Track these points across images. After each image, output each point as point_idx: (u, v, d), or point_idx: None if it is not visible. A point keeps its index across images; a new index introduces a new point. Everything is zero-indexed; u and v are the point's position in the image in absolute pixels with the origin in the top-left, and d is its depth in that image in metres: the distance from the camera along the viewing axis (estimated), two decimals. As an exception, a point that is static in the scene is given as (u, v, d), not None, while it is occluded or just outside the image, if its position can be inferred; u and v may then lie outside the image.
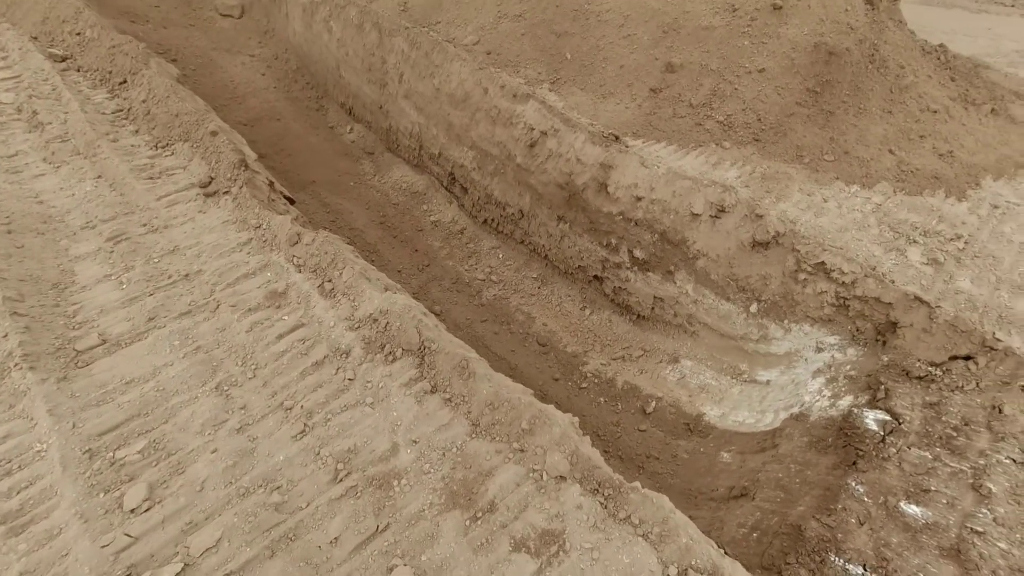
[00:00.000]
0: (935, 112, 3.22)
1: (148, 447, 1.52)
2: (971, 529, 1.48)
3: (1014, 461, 1.62)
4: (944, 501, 1.57)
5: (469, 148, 3.82)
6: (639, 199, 2.88)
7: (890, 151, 3.02)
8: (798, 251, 2.41)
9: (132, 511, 1.38)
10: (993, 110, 3.43)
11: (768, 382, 2.61)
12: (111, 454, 1.49)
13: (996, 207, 2.72)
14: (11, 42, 3.62)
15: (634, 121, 3.38)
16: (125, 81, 3.23)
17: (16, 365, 1.65)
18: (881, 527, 1.55)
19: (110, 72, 3.31)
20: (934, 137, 3.13)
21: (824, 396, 2.18)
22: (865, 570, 1.44)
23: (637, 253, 3.01)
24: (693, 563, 1.26)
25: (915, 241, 2.43)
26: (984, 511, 1.51)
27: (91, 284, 2.03)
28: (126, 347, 1.81)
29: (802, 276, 2.40)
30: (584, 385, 3.05)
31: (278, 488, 1.44)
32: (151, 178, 2.57)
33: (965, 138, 3.17)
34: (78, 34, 3.61)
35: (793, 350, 2.53)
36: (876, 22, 3.46)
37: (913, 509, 1.57)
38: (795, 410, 2.22)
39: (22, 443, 1.50)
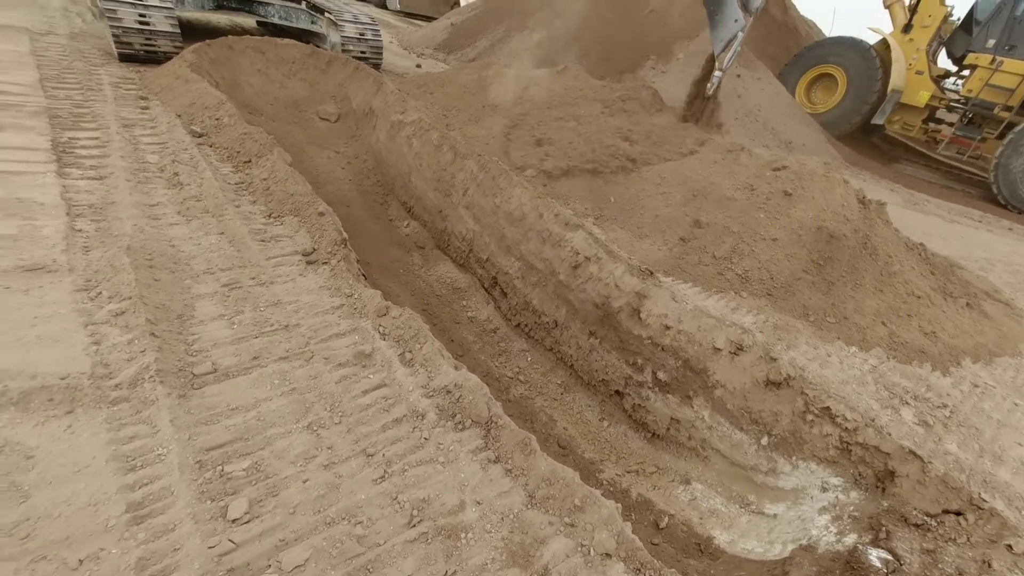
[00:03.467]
0: (919, 297, 3.78)
1: (250, 467, 1.74)
2: (970, 671, 1.62)
3: (1005, 614, 1.80)
4: (944, 642, 1.72)
5: (516, 259, 4.37)
6: (667, 327, 3.30)
7: (882, 323, 3.51)
8: (806, 394, 2.75)
9: (234, 521, 1.57)
10: (968, 304, 4.00)
11: (775, 516, 2.78)
12: (219, 468, 1.71)
13: (976, 386, 3.11)
14: (161, 116, 4.38)
15: (665, 261, 3.96)
16: (250, 161, 3.87)
17: (150, 377, 1.93)
18: (888, 658, 1.68)
19: (238, 152, 3.98)
20: (919, 318, 3.65)
21: (831, 532, 2.36)
22: None
23: (660, 375, 3.35)
24: (726, 649, 1.42)
25: (907, 403, 2.79)
26: (981, 656, 1.66)
27: (207, 320, 2.36)
28: (233, 378, 2.09)
29: (810, 417, 2.72)
30: (600, 491, 3.17)
31: (360, 523, 1.64)
32: (263, 241, 3.04)
33: (945, 323, 3.69)
34: (216, 119, 4.37)
35: (800, 487, 2.74)
36: (867, 218, 4.19)
37: (917, 646, 1.72)
38: (803, 542, 2.38)
39: (146, 445, 1.72)
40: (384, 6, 18.96)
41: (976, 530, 2.12)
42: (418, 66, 9.93)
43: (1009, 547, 2.02)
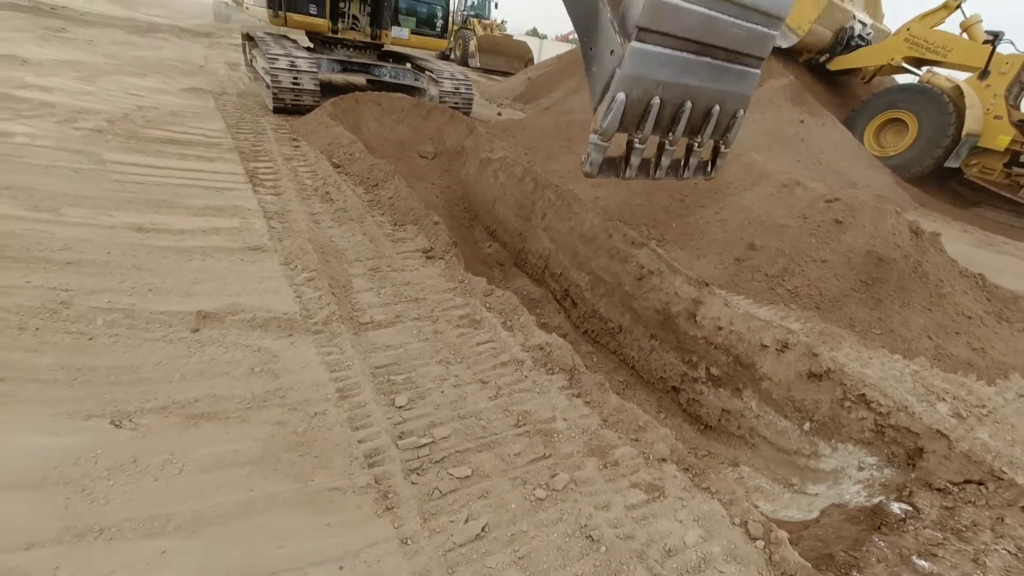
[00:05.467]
0: (970, 318, 4.01)
1: (405, 379, 2.48)
2: (966, 581, 1.99)
3: (1008, 552, 2.13)
4: (948, 564, 2.09)
5: (587, 273, 5.05)
6: (720, 328, 3.79)
7: (929, 337, 3.79)
8: (844, 384, 3.14)
9: (400, 407, 2.30)
10: (1026, 329, 4.14)
11: (816, 495, 3.12)
12: (386, 376, 2.47)
13: (1021, 395, 3.32)
14: (309, 152, 5.61)
15: (720, 277, 4.47)
16: (377, 184, 4.91)
17: (336, 320, 2.77)
18: (894, 566, 2.07)
19: (367, 178, 5.05)
20: (968, 335, 3.87)
21: (861, 495, 2.72)
22: (878, 584, 1.96)
23: (713, 370, 3.82)
24: (754, 518, 1.93)
25: (943, 399, 3.09)
26: (979, 573, 2.03)
27: (362, 291, 3.22)
28: (385, 328, 2.89)
29: (847, 404, 3.10)
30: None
31: (482, 421, 2.32)
32: (393, 241, 3.95)
33: (997, 342, 3.88)
34: (349, 154, 5.52)
35: (839, 467, 3.07)
36: (919, 246, 4.50)
37: (922, 563, 2.09)
38: (836, 501, 2.75)
39: (340, 359, 2.53)
40: (465, 64, 21.16)
41: (995, 496, 2.43)
42: (499, 114, 11.21)
43: (1023, 507, 2.32)
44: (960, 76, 10.31)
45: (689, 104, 2.41)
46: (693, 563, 1.75)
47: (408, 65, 9.41)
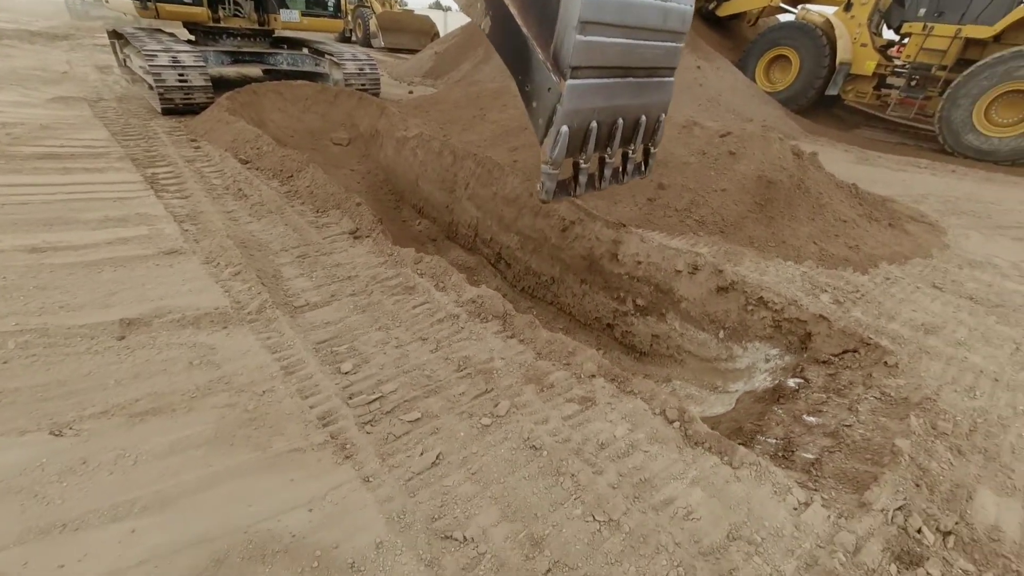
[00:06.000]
0: (845, 222, 4.61)
1: (348, 348, 2.59)
2: (843, 424, 2.43)
3: (875, 398, 2.60)
4: (830, 415, 2.53)
5: (515, 234, 5.25)
6: (639, 262, 4.14)
7: (814, 243, 4.34)
8: (746, 292, 3.58)
9: (346, 373, 2.41)
10: (891, 224, 4.82)
11: (736, 391, 3.57)
12: (329, 349, 2.57)
13: (887, 279, 3.92)
14: (212, 151, 5.35)
15: (636, 218, 4.82)
16: (292, 176, 4.81)
17: (270, 306, 2.81)
18: (790, 425, 2.49)
19: (281, 170, 4.92)
20: (845, 237, 4.47)
21: (767, 380, 3.17)
22: (777, 440, 2.36)
23: (639, 301, 4.19)
24: (670, 405, 2.25)
25: (826, 291, 3.61)
26: (853, 419, 2.47)
27: (293, 278, 3.24)
28: (321, 308, 2.95)
29: (750, 307, 3.54)
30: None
31: (425, 373, 2.48)
32: (317, 227, 3.94)
33: (868, 239, 4.51)
34: (257, 148, 5.33)
35: (751, 364, 3.53)
36: (801, 166, 5.05)
37: (810, 419, 2.52)
38: (747, 389, 3.19)
39: (280, 341, 2.58)
40: (368, 44, 20.33)
41: (865, 358, 2.93)
42: (411, 92, 11.00)
43: (885, 363, 2.82)
44: (830, 11, 11.25)
45: (621, 120, 2.70)
46: (623, 449, 2.04)
47: (305, 50, 8.99)
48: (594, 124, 2.54)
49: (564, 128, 2.39)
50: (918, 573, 1.63)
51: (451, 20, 27.38)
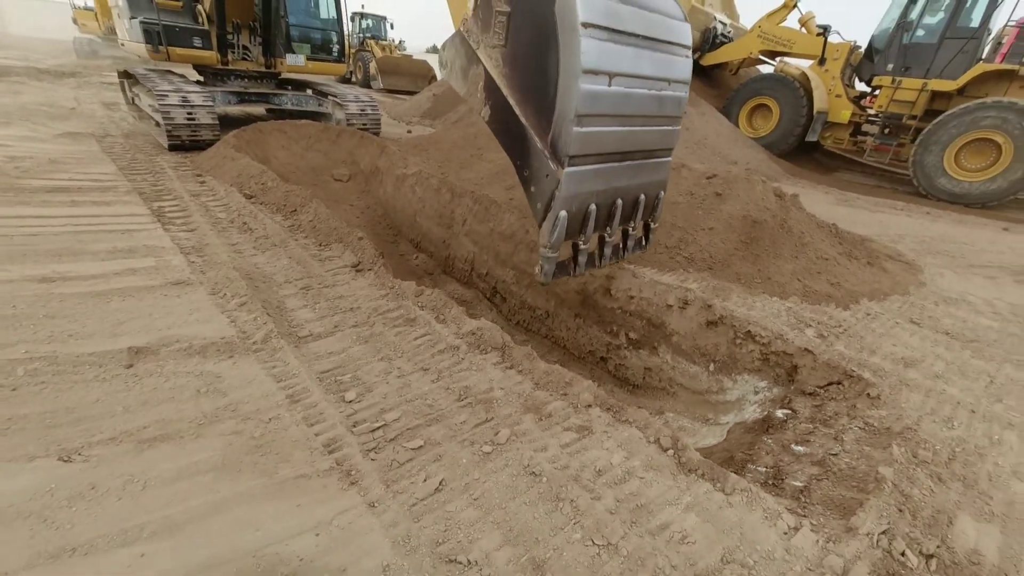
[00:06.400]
0: (827, 259, 4.83)
1: (351, 378, 2.66)
2: (829, 453, 2.52)
3: (859, 427, 2.71)
4: (817, 444, 2.62)
5: (511, 269, 5.40)
6: (632, 297, 4.28)
7: (797, 279, 4.53)
8: (735, 326, 3.72)
9: (349, 401, 2.48)
10: (869, 263, 5.05)
11: (727, 423, 3.65)
12: (333, 378, 2.64)
13: (868, 314, 4.10)
14: (217, 186, 5.51)
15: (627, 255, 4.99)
16: (296, 210, 4.97)
17: (275, 336, 2.88)
18: (779, 454, 2.57)
19: (284, 205, 5.08)
20: (827, 274, 4.67)
21: (756, 412, 3.26)
22: (767, 469, 2.44)
23: (632, 335, 4.30)
24: (664, 434, 2.33)
25: (810, 325, 3.76)
26: (839, 448, 2.57)
27: (296, 309, 3.33)
28: (324, 338, 3.04)
29: (738, 341, 3.67)
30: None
31: (427, 402, 2.55)
32: (320, 260, 4.06)
33: (848, 277, 4.71)
34: (261, 184, 5.51)
35: (741, 396, 3.63)
36: (783, 206, 5.32)
37: (799, 448, 2.61)
38: (738, 420, 3.28)
39: (285, 370, 2.65)
40: (368, 86, 21.10)
41: (848, 390, 3.05)
42: (409, 131, 11.41)
43: (868, 394, 2.94)
44: (806, 64, 11.99)
45: (620, 201, 2.79)
46: (619, 476, 2.11)
47: (309, 91, 9.37)
48: (593, 207, 2.61)
49: (563, 213, 2.44)
50: (904, 595, 1.70)
51: (448, 64, 28.51)
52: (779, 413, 3.00)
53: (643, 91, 2.59)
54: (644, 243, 3.34)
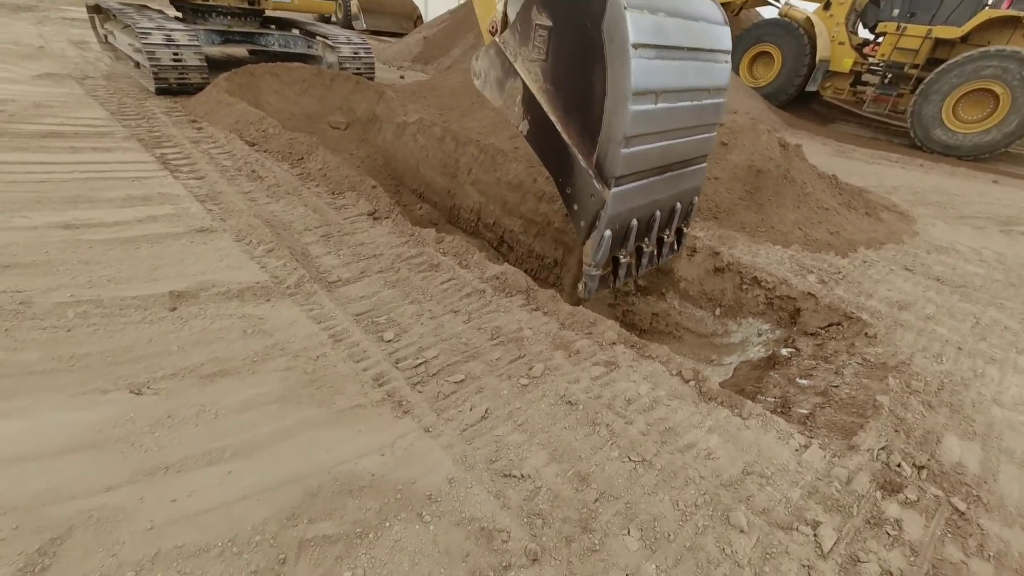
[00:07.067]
0: (827, 210, 4.98)
1: (386, 319, 2.79)
2: (831, 385, 2.76)
3: (857, 363, 2.94)
4: (820, 377, 2.86)
5: (519, 218, 5.46)
6: (641, 245, 4.42)
7: (799, 228, 4.69)
8: (741, 272, 3.90)
9: (388, 341, 2.62)
10: (867, 213, 5.22)
11: (731, 363, 3.90)
12: (370, 320, 2.76)
13: (865, 262, 4.30)
14: (216, 133, 5.37)
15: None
16: (302, 158, 4.90)
17: (308, 281, 2.97)
18: (785, 387, 2.81)
19: (290, 153, 5.00)
20: (827, 223, 4.84)
21: (760, 351, 3.50)
22: (775, 399, 2.68)
23: (640, 282, 4.47)
24: (685, 367, 2.53)
25: (812, 272, 3.95)
26: (839, 381, 2.81)
27: (321, 255, 3.39)
28: (353, 283, 3.12)
29: (744, 286, 3.86)
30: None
31: (462, 341, 2.70)
32: (336, 208, 4.08)
33: (847, 226, 4.89)
34: (262, 131, 5.38)
35: (745, 338, 3.86)
36: (787, 156, 5.39)
37: (803, 381, 2.85)
38: (743, 359, 3.52)
39: (323, 312, 2.76)
40: (349, 26, 19.97)
41: (848, 330, 3.28)
42: (401, 77, 10.99)
43: (866, 334, 3.17)
44: (811, 8, 11.66)
45: (658, 212, 2.82)
46: (647, 404, 2.31)
47: (295, 31, 8.90)
48: (634, 222, 2.68)
49: (608, 232, 2.48)
50: (899, 497, 1.96)
51: (433, 4, 26.98)
52: (784, 351, 3.23)
53: (686, 103, 2.54)
54: (676, 247, 3.39)
